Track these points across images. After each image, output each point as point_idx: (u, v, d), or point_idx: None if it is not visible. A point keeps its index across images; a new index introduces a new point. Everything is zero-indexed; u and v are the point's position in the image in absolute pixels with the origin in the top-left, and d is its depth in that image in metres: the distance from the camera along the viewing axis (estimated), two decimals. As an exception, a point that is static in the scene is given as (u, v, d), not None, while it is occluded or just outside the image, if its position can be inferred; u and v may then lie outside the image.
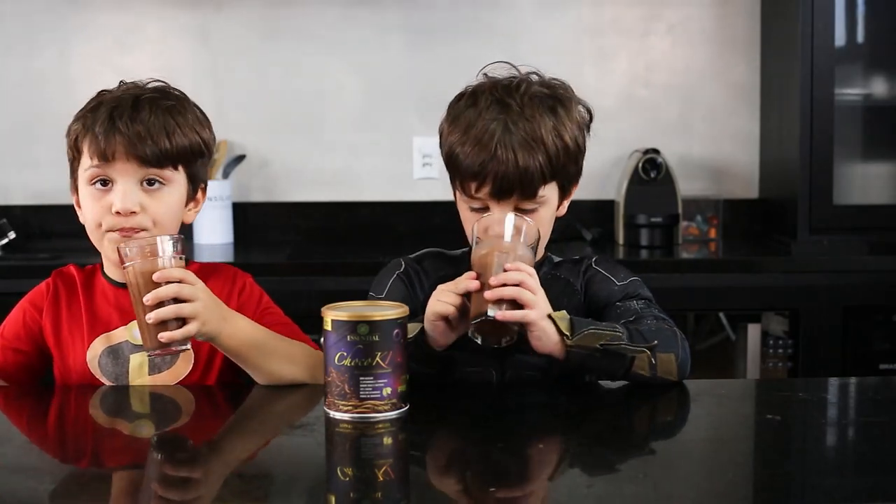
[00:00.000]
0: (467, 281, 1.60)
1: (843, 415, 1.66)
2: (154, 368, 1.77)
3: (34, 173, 3.27)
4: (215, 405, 1.71)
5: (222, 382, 1.78)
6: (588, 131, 1.80)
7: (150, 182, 1.73)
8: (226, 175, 3.25)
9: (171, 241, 1.62)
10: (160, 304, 1.59)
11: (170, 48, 3.33)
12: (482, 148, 1.70)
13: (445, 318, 1.62)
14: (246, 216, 3.34)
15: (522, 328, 1.60)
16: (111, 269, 1.80)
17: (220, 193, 3.19)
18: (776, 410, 1.62)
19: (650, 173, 3.14)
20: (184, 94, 1.81)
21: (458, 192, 1.78)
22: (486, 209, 1.73)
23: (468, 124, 1.73)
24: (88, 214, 1.75)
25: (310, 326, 2.79)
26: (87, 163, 1.73)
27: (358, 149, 3.37)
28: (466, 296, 1.61)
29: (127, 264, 1.61)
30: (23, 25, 3.30)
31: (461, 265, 1.79)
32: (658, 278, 2.78)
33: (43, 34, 3.30)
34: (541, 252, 1.78)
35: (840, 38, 3.00)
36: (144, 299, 1.59)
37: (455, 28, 3.31)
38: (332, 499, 1.30)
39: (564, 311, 1.63)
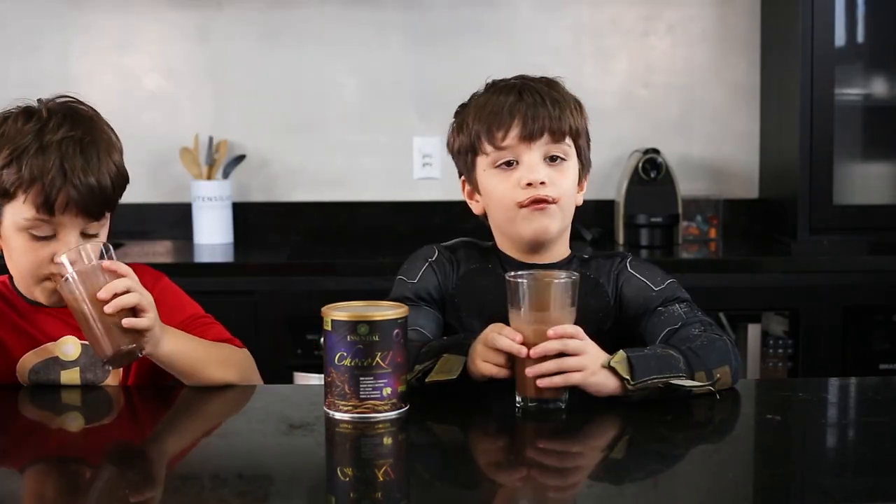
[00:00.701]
0: (511, 344, 1.55)
1: (843, 415, 1.66)
2: (86, 384, 1.76)
3: (34, 173, 3.27)
4: (216, 405, 1.71)
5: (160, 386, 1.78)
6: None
7: (87, 232, 1.68)
8: (226, 175, 3.25)
9: (108, 248, 1.63)
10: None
11: (170, 48, 3.33)
12: (506, 95, 1.75)
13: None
14: (246, 216, 3.33)
15: None
16: (34, 298, 1.74)
17: (220, 193, 3.19)
18: (776, 410, 1.62)
19: (650, 173, 3.14)
20: (95, 112, 1.74)
21: (482, 160, 1.76)
22: (513, 164, 1.73)
23: (488, 94, 1.78)
24: (24, 262, 1.67)
25: (310, 326, 2.82)
26: (24, 211, 1.64)
27: (358, 149, 3.37)
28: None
29: (67, 273, 1.58)
30: (23, 25, 3.30)
31: (491, 257, 1.81)
32: (658, 278, 2.78)
33: (43, 34, 3.30)
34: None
35: (840, 38, 3.00)
36: (101, 293, 1.56)
37: (455, 28, 3.31)
38: (332, 499, 1.30)
39: (622, 353, 1.57)
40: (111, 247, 1.65)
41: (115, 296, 1.57)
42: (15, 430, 1.60)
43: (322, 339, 1.54)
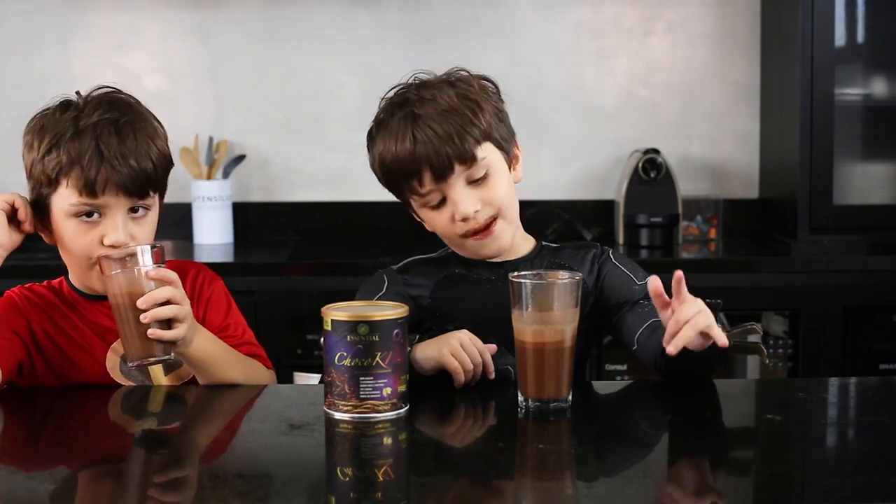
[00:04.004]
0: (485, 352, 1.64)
1: (843, 415, 1.66)
2: (169, 369, 1.79)
3: (34, 173, 3.27)
4: (215, 405, 1.71)
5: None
6: (500, 97, 1.81)
7: (135, 209, 1.72)
8: (226, 175, 3.25)
9: (154, 250, 1.64)
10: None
11: (170, 48, 3.33)
12: (402, 143, 1.71)
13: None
14: (246, 216, 3.33)
15: None
16: (91, 286, 1.77)
17: (220, 193, 3.19)
18: (776, 410, 1.62)
19: (650, 173, 3.14)
20: (135, 100, 1.79)
21: (413, 201, 1.77)
22: (444, 201, 1.73)
23: (383, 141, 1.76)
24: (75, 248, 1.71)
25: (310, 326, 2.81)
26: (69, 196, 1.68)
27: (358, 149, 3.31)
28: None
29: (113, 272, 1.60)
30: (23, 25, 3.30)
31: (452, 262, 1.83)
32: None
33: (43, 34, 3.30)
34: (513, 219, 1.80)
35: (840, 38, 3.00)
36: (140, 302, 1.59)
37: (455, 28, 3.31)
38: (332, 499, 1.30)
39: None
40: (163, 248, 1.66)
41: (155, 306, 1.60)
42: (14, 431, 1.61)
43: (322, 339, 1.54)
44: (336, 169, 3.36)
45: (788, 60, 3.05)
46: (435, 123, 1.71)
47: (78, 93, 1.76)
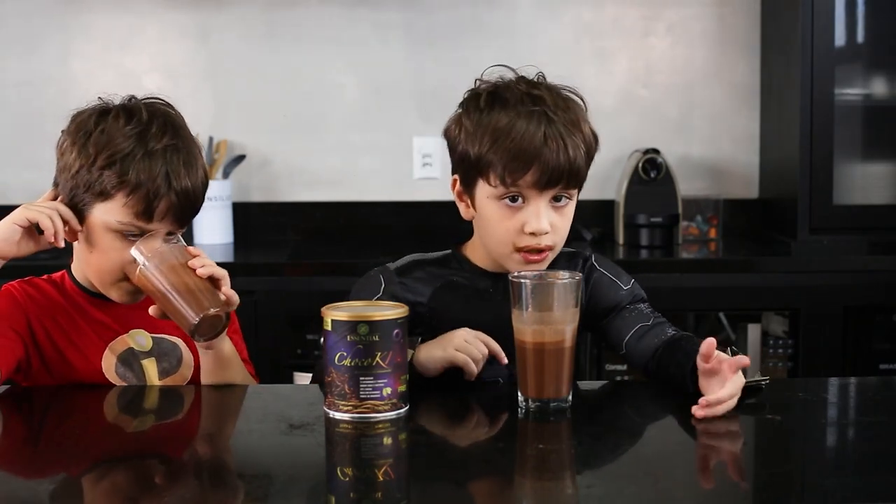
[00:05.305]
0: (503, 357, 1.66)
1: (843, 415, 1.66)
2: (164, 373, 1.79)
3: (34, 173, 3.26)
4: (215, 405, 1.71)
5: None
6: None
7: (171, 234, 1.72)
8: (226, 175, 3.25)
9: (180, 240, 1.71)
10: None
11: (170, 48, 3.33)
12: (530, 139, 1.66)
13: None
14: (246, 216, 3.33)
15: None
16: (104, 291, 1.77)
17: (220, 193, 3.19)
18: (776, 410, 1.62)
19: (650, 173, 3.14)
20: (184, 119, 1.77)
21: (489, 186, 1.70)
22: (517, 199, 1.69)
23: (504, 121, 1.68)
24: (107, 261, 1.70)
25: (310, 326, 2.81)
26: (120, 214, 1.67)
27: (358, 149, 3.37)
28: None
29: (149, 255, 1.63)
30: (23, 25, 3.30)
31: (451, 265, 1.82)
32: (658, 278, 2.78)
33: (43, 34, 3.30)
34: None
35: (840, 38, 3.00)
36: (194, 261, 1.63)
37: (455, 28, 3.31)
38: (332, 499, 1.30)
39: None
40: (182, 239, 1.70)
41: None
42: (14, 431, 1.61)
43: (322, 339, 1.54)
44: (336, 169, 3.37)
45: (788, 60, 3.05)
46: (566, 135, 1.67)
47: (133, 98, 1.74)
